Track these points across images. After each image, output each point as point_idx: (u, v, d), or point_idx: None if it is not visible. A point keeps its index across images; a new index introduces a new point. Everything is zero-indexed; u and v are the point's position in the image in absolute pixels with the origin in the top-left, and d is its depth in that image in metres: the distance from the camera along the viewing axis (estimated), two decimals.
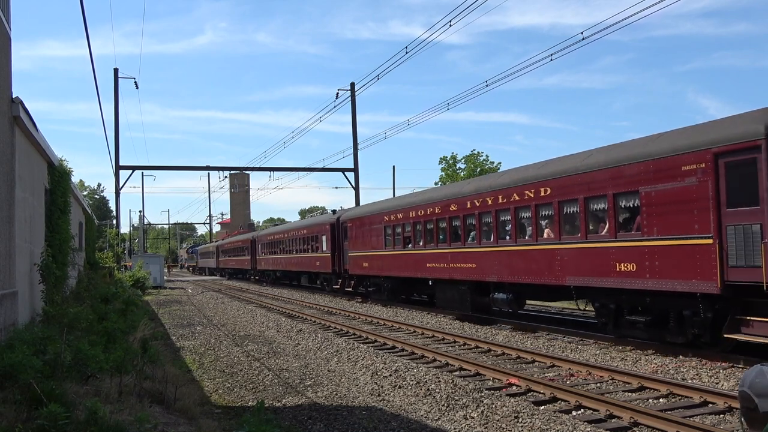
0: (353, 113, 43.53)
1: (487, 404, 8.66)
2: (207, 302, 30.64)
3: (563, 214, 14.70)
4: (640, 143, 13.07)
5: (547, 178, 15.25)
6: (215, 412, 8.90)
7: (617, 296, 13.39)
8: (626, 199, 12.95)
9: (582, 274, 14.02)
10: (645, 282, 12.33)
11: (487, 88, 28.13)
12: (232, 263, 61.03)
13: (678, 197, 11.67)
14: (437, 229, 20.59)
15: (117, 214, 47.60)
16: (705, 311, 11.39)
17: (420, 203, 22.09)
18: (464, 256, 18.87)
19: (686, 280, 11.50)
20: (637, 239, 12.57)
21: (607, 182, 13.29)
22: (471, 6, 21.01)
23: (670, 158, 11.82)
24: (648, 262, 12.31)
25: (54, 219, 15.41)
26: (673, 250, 11.78)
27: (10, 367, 6.77)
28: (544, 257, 15.25)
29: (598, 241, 13.61)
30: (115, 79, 42.50)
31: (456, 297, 19.65)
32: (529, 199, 15.76)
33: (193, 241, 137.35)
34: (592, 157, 14.18)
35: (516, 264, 16.43)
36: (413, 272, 22.45)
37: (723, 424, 7.78)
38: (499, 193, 17.18)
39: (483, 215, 17.96)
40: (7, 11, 10.99)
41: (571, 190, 14.34)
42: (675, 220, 11.73)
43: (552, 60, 20.94)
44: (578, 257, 14.17)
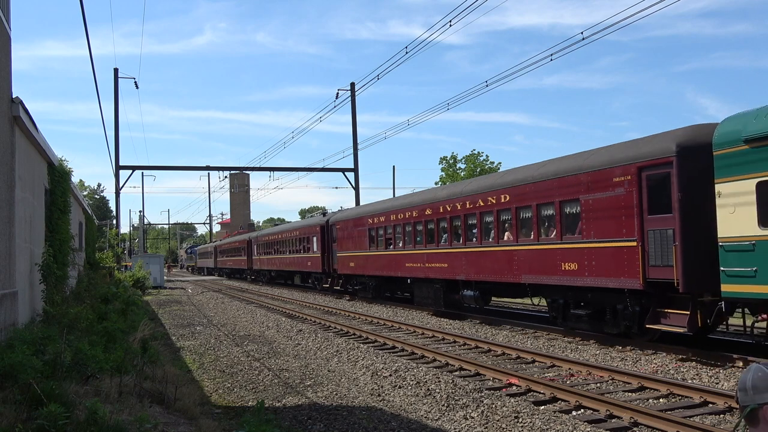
0: (353, 113, 43.55)
1: (487, 404, 8.66)
2: (207, 302, 30.64)
3: (520, 218, 16.28)
4: (581, 157, 14.62)
5: (506, 186, 16.91)
6: (215, 412, 8.89)
7: (564, 292, 14.84)
8: (570, 206, 14.46)
9: (535, 273, 15.52)
10: (585, 279, 13.80)
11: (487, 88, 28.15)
12: (229, 263, 62.31)
13: (610, 205, 13.15)
14: (415, 232, 22.20)
15: (117, 214, 47.68)
16: (632, 305, 12.87)
17: (400, 207, 23.72)
18: (437, 257, 20.44)
19: (617, 278, 12.91)
20: (578, 241, 14.05)
21: (555, 191, 14.84)
22: (471, 6, 21.02)
23: (604, 171, 13.36)
24: (587, 262, 13.76)
25: (54, 219, 15.41)
26: (607, 251, 13.21)
27: (10, 367, 6.77)
28: (505, 258, 16.78)
29: (547, 243, 15.11)
30: (115, 79, 42.51)
31: (431, 294, 21.33)
32: (491, 205, 17.38)
33: (193, 241, 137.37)
34: (543, 168, 15.79)
35: (481, 264, 17.99)
36: (394, 271, 24.01)
37: (723, 424, 7.78)
38: (467, 198, 18.77)
39: (454, 219, 19.58)
40: (7, 11, 10.99)
41: (526, 198, 15.90)
42: (608, 224, 13.18)
43: (552, 60, 20.96)
44: (531, 257, 15.66)
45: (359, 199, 43.42)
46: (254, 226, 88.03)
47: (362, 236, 27.04)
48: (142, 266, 40.43)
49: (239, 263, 56.33)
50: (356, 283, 29.04)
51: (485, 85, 26.15)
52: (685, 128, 12.32)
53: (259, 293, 36.85)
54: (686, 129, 12.26)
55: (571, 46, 22.09)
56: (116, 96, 42.64)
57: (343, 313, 22.88)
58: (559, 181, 14.74)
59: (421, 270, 21.67)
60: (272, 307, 26.69)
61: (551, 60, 20.91)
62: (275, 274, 45.92)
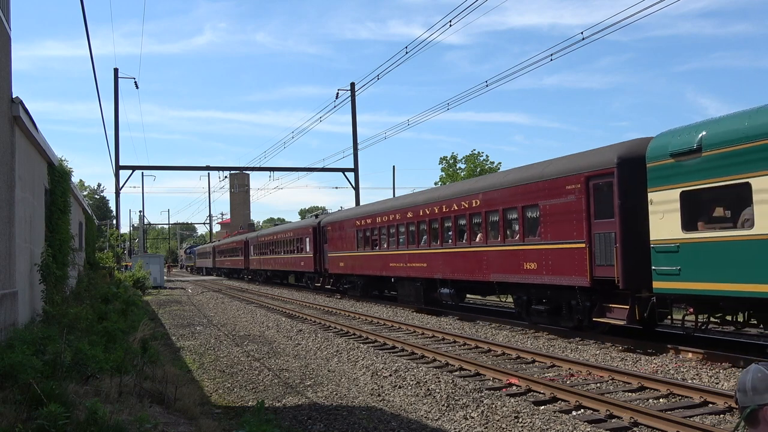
0: (353, 113, 43.54)
1: (487, 404, 8.66)
2: (207, 302, 30.63)
3: (489, 221, 17.67)
4: (541, 166, 15.97)
5: (477, 192, 18.34)
6: (215, 412, 8.89)
7: (527, 290, 16.23)
8: (531, 210, 15.78)
9: (502, 272, 16.94)
10: (543, 278, 15.18)
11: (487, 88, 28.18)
12: (227, 263, 63.43)
13: (564, 210, 14.46)
14: (398, 233, 23.65)
15: (117, 214, 47.66)
16: (583, 301, 14.23)
17: (384, 210, 25.13)
18: (418, 257, 21.84)
19: (569, 276, 14.24)
20: (537, 243, 15.38)
21: (518, 197, 16.23)
22: (470, 6, 21.03)
23: (559, 179, 14.69)
24: (545, 262, 15.09)
25: (54, 219, 15.41)
26: (561, 252, 14.53)
27: (10, 367, 6.77)
28: (476, 258, 18.14)
29: (512, 244, 16.49)
30: (115, 79, 42.51)
31: (412, 292, 22.95)
32: (464, 209, 18.80)
33: (193, 240, 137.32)
34: (509, 175, 17.38)
35: (456, 264, 19.36)
36: (380, 271, 25.42)
37: (723, 424, 7.78)
38: (443, 203, 20.18)
39: (432, 221, 20.94)
40: (7, 11, 10.99)
41: (494, 202, 17.33)
42: (562, 228, 14.52)
43: (552, 60, 21.00)
44: (498, 258, 17.09)
45: (359, 199, 43.43)
46: (254, 226, 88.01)
47: (351, 237, 28.29)
48: (142, 266, 40.42)
49: (237, 263, 57.56)
50: (346, 282, 30.27)
51: (485, 85, 26.21)
52: (625, 142, 13.68)
53: (258, 293, 36.85)
54: (626, 143, 13.62)
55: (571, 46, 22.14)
56: (116, 96, 42.67)
57: (343, 313, 22.88)
58: (522, 188, 16.11)
59: (403, 269, 23.07)
60: (272, 307, 26.68)
61: (551, 60, 20.95)
62: (271, 273, 47.03)
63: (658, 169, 11.87)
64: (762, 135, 9.95)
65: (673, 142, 11.60)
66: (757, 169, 10.03)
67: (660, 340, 13.43)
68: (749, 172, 10.17)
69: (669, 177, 11.66)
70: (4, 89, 10.55)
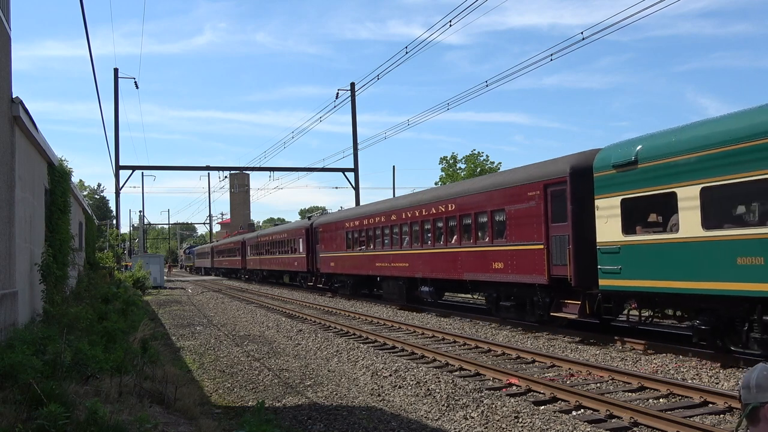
0: (353, 113, 43.54)
1: (487, 404, 8.65)
2: (207, 302, 30.63)
3: (462, 224, 19.13)
4: (507, 174, 17.89)
5: (452, 197, 19.87)
6: (215, 412, 8.89)
7: (496, 287, 17.62)
8: (498, 214, 17.25)
9: (473, 271, 18.33)
10: (508, 276, 16.60)
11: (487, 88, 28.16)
12: (225, 263, 64.82)
13: (526, 214, 15.85)
14: (383, 235, 25.13)
15: (117, 214, 47.69)
16: (543, 297, 15.52)
17: (371, 213, 26.64)
18: (401, 257, 23.28)
19: (530, 275, 15.57)
20: (504, 245, 16.80)
21: (487, 202, 17.67)
22: (470, 6, 21.02)
23: (522, 186, 16.09)
24: (510, 262, 16.47)
25: (54, 219, 15.40)
26: (524, 252, 15.90)
27: (10, 367, 6.77)
28: (452, 258, 19.58)
29: (482, 246, 17.88)
30: (115, 79, 42.51)
31: (396, 290, 24.42)
32: (441, 213, 20.27)
33: (194, 240, 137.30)
34: (481, 182, 19.19)
35: (434, 264, 20.81)
36: (367, 270, 26.72)
37: (723, 424, 7.78)
38: (423, 207, 21.65)
39: (413, 224, 22.42)
40: (7, 11, 10.99)
41: (467, 207, 18.76)
42: (525, 231, 15.88)
43: (552, 60, 20.99)
44: (471, 258, 18.51)
45: (359, 199, 43.44)
46: (254, 226, 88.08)
47: (341, 239, 29.68)
48: (142, 266, 40.42)
49: (234, 263, 58.88)
50: (336, 282, 31.69)
51: (485, 85, 26.17)
52: (577, 153, 14.99)
53: (258, 293, 36.85)
54: (578, 154, 14.91)
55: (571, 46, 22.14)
56: (116, 96, 42.66)
57: (342, 313, 22.88)
58: (491, 194, 17.60)
59: (388, 269, 24.54)
60: (272, 307, 26.68)
61: (551, 60, 20.96)
62: (267, 273, 48.19)
63: (603, 178, 13.23)
64: (685, 150, 11.29)
65: (614, 154, 12.98)
66: (682, 180, 11.29)
67: (617, 333, 14.46)
68: (675, 182, 11.44)
69: (611, 186, 13.00)
70: (4, 89, 10.55)
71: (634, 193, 12.45)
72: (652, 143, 12.20)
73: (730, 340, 11.34)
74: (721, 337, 11.41)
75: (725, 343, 11.44)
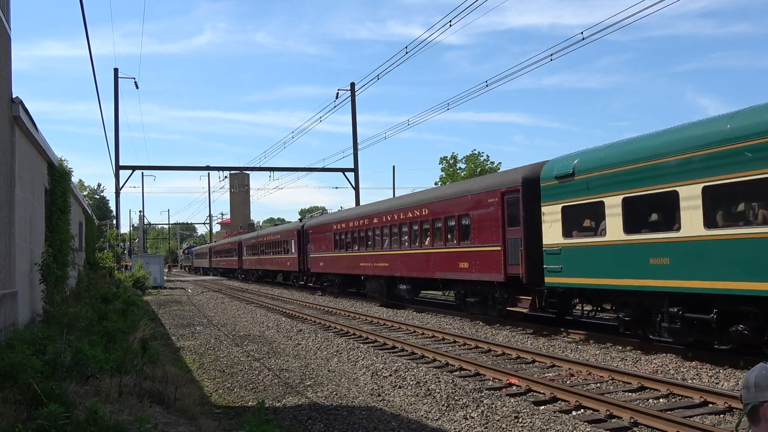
0: (353, 113, 43.53)
1: (487, 404, 8.65)
2: (207, 302, 30.63)
3: (435, 227, 20.94)
4: (473, 182, 20.26)
5: (426, 202, 21.76)
6: (215, 412, 8.89)
7: (464, 285, 19.38)
8: (464, 219, 18.95)
9: (444, 270, 20.13)
10: (472, 275, 18.32)
11: (487, 88, 28.17)
12: (222, 263, 66.88)
13: (487, 219, 17.57)
14: (366, 237, 26.83)
15: (117, 214, 47.70)
16: (501, 294, 17.31)
17: (355, 216, 28.52)
18: (382, 258, 25.02)
19: (490, 273, 17.32)
20: (469, 246, 18.46)
21: (455, 207, 19.44)
22: (470, 6, 21.02)
23: (484, 193, 17.89)
24: (474, 262, 18.15)
25: (54, 219, 15.40)
26: (485, 253, 17.58)
27: (10, 367, 6.76)
28: (426, 258, 21.37)
29: (451, 247, 19.62)
30: (115, 79, 42.50)
31: (378, 288, 26.15)
32: (417, 216, 22.19)
33: (194, 240, 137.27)
34: (451, 188, 21.41)
35: (410, 263, 22.62)
36: (352, 270, 28.49)
37: (723, 424, 7.77)
38: (401, 211, 23.59)
39: (392, 227, 24.22)
40: (7, 11, 10.99)
41: (439, 211, 20.56)
42: (486, 234, 17.58)
43: (552, 60, 21.01)
44: (441, 258, 20.27)
45: (359, 199, 43.43)
46: (254, 226, 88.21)
47: (329, 240, 31.51)
48: (142, 266, 40.41)
49: (231, 263, 60.80)
50: (325, 280, 33.55)
51: (485, 85, 26.18)
52: (528, 165, 16.58)
53: (258, 293, 36.86)
54: (529, 166, 16.50)
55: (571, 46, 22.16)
56: (116, 96, 42.66)
57: (343, 313, 22.88)
58: (458, 200, 19.32)
59: (370, 269, 26.28)
60: (272, 307, 26.68)
61: (551, 60, 20.98)
62: (262, 273, 50.02)
63: (548, 188, 14.87)
64: (611, 165, 12.94)
65: (557, 167, 14.62)
66: (608, 191, 12.95)
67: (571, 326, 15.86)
68: (603, 192, 13.09)
69: (554, 195, 14.62)
70: (4, 89, 10.55)
71: (572, 201, 14.14)
72: (586, 158, 13.90)
73: (648, 329, 12.79)
74: (642, 327, 12.89)
75: (645, 332, 12.89)
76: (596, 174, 13.37)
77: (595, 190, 13.36)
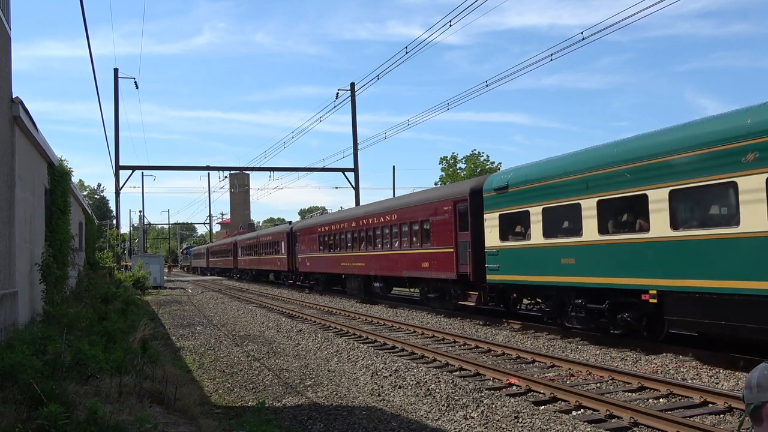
0: (353, 113, 43.51)
1: (487, 404, 8.65)
2: (207, 302, 30.62)
3: (402, 231, 23.54)
4: (432, 191, 23.29)
5: (395, 208, 24.47)
6: (215, 412, 8.89)
7: (426, 282, 22.12)
8: (426, 224, 21.57)
9: (409, 270, 22.76)
10: (432, 273, 20.95)
11: (487, 88, 28.17)
12: (219, 263, 69.47)
13: (443, 224, 20.15)
14: (346, 239, 29.38)
15: (117, 214, 47.62)
16: (455, 290, 19.93)
17: (337, 219, 31.15)
18: (359, 258, 27.50)
19: (445, 272, 19.89)
20: (429, 248, 21.06)
21: (418, 213, 22.17)
22: (470, 7, 21.02)
23: (439, 202, 20.56)
24: (433, 262, 20.71)
25: (54, 219, 15.39)
26: (441, 254, 20.16)
27: (10, 367, 6.76)
28: (395, 259, 23.98)
29: (415, 249, 22.25)
30: (115, 79, 42.47)
31: (356, 286, 28.89)
32: (387, 221, 24.76)
33: (193, 240, 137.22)
34: (415, 196, 23.99)
35: (383, 264, 25.16)
36: (334, 269, 30.98)
37: (723, 424, 7.77)
38: (375, 216, 26.02)
39: (368, 230, 26.67)
40: (7, 11, 10.99)
41: (405, 217, 23.27)
42: (442, 237, 20.15)
43: (552, 60, 21.03)
44: (407, 259, 22.87)
45: (359, 199, 43.40)
46: (254, 227, 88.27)
47: (315, 241, 34.01)
48: (141, 266, 40.39)
49: (227, 263, 63.60)
50: (311, 279, 36.10)
51: (485, 85, 26.18)
52: (477, 178, 20.03)
53: (258, 293, 36.87)
54: (477, 178, 20.21)
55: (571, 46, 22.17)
56: (116, 96, 42.63)
57: (342, 313, 22.89)
58: (421, 206, 21.94)
59: (350, 268, 28.71)
60: (272, 307, 26.67)
61: (551, 60, 21.00)
62: (255, 272, 52.32)
63: (489, 198, 17.27)
64: (534, 180, 15.42)
65: (495, 181, 17.19)
66: (532, 202, 15.40)
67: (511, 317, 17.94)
68: (529, 203, 15.53)
69: (494, 204, 17.04)
70: (4, 89, 10.55)
71: (507, 210, 16.53)
72: (517, 173, 16.36)
73: (564, 319, 15.01)
74: (560, 317, 15.12)
75: (562, 321, 15.10)
76: (524, 187, 15.79)
77: (523, 201, 15.78)
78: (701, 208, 11.47)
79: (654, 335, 12.78)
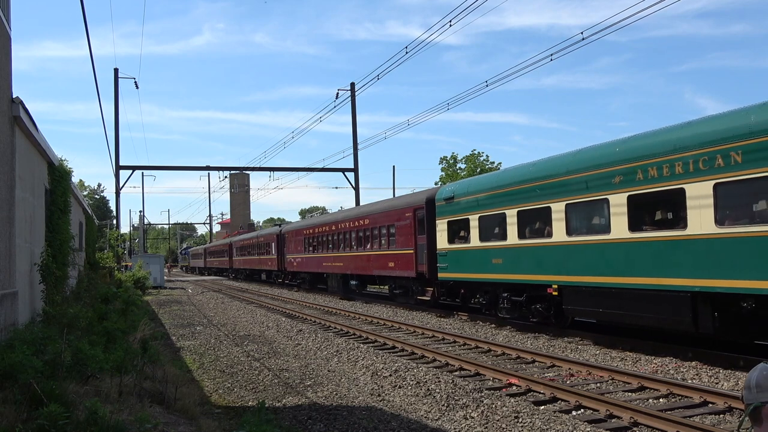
0: (353, 113, 43.51)
1: (487, 404, 8.65)
2: (207, 302, 30.61)
3: (373, 234, 26.27)
4: (398, 199, 26.48)
5: (367, 214, 27.28)
6: (215, 412, 8.89)
7: (393, 280, 25.12)
8: (392, 228, 24.29)
9: (379, 269, 25.52)
10: (396, 272, 23.77)
11: (486, 88, 28.14)
12: (216, 263, 72.22)
13: (405, 229, 22.99)
14: (328, 241, 32.15)
15: (117, 214, 47.65)
16: (415, 286, 23.02)
17: (320, 223, 33.89)
18: (339, 258, 30.32)
19: (407, 271, 22.70)
20: (394, 249, 23.88)
21: (386, 218, 25.00)
22: (469, 7, 21.02)
23: (402, 209, 23.53)
24: (397, 262, 23.54)
25: (54, 219, 15.38)
26: (403, 255, 22.98)
27: (10, 367, 6.76)
28: (368, 259, 26.66)
29: (383, 250, 25.05)
30: (115, 80, 42.47)
31: (336, 284, 32.09)
32: (361, 225, 27.55)
33: (193, 241, 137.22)
34: (384, 203, 26.98)
35: (357, 263, 27.97)
36: (318, 268, 33.79)
37: (723, 424, 7.77)
38: (351, 220, 29.06)
39: (346, 233, 29.51)
40: (7, 11, 10.99)
41: (375, 221, 25.99)
42: (404, 240, 22.98)
43: (552, 60, 21.05)
44: (376, 259, 25.66)
45: (359, 199, 43.41)
46: (254, 227, 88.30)
47: (301, 243, 36.65)
48: (142, 266, 40.38)
49: (223, 263, 66.35)
50: (299, 278, 38.98)
51: (485, 85, 26.15)
52: (430, 188, 22.91)
53: (258, 293, 36.86)
54: (431, 189, 22.91)
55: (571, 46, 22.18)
56: (116, 96, 42.63)
57: (342, 312, 22.89)
58: (388, 213, 24.87)
59: (331, 267, 31.52)
60: (272, 307, 26.67)
61: (551, 60, 21.02)
62: (249, 271, 54.90)
63: (440, 207, 19.96)
64: (473, 192, 18.15)
65: (445, 191, 19.96)
66: (472, 211, 18.10)
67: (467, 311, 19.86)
68: (469, 212, 18.26)
69: (443, 212, 19.72)
70: (4, 89, 10.55)
71: (453, 217, 19.16)
72: (461, 186, 19.36)
73: (497, 310, 17.46)
74: (495, 308, 17.61)
75: (496, 312, 17.55)
76: (466, 198, 18.47)
77: (465, 210, 18.45)
78: (587, 218, 14.00)
79: (562, 323, 15.36)
